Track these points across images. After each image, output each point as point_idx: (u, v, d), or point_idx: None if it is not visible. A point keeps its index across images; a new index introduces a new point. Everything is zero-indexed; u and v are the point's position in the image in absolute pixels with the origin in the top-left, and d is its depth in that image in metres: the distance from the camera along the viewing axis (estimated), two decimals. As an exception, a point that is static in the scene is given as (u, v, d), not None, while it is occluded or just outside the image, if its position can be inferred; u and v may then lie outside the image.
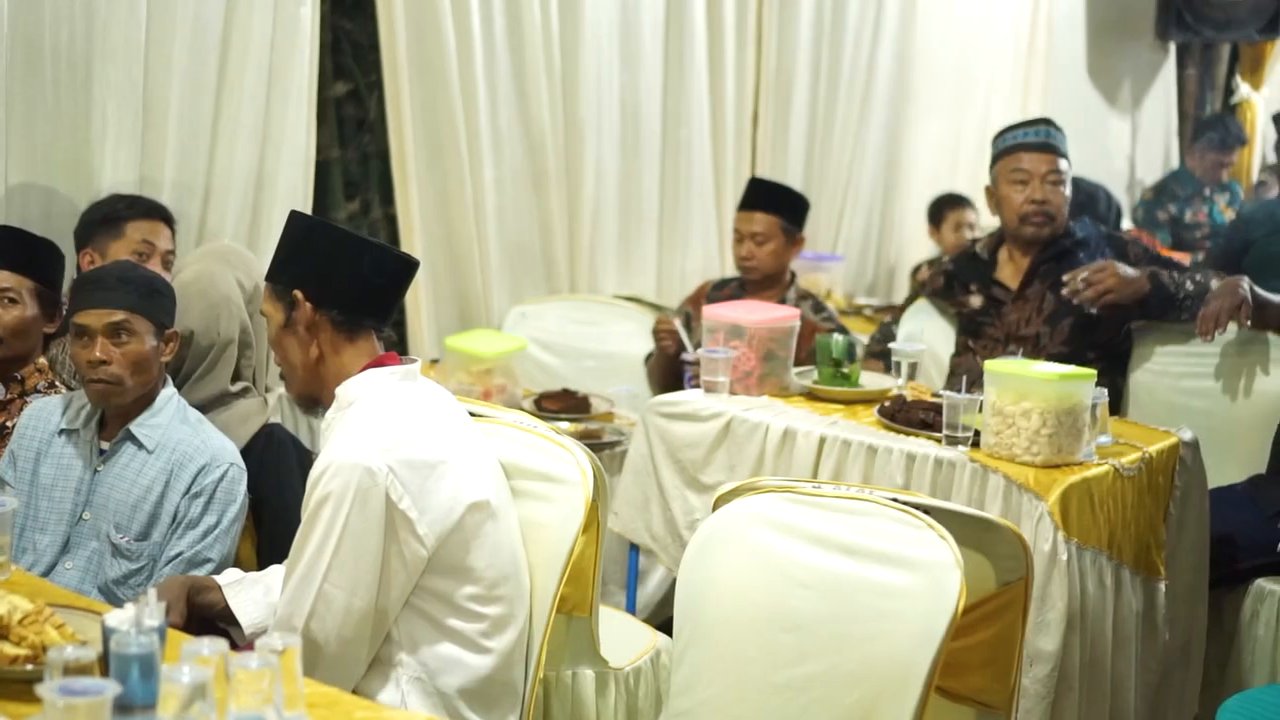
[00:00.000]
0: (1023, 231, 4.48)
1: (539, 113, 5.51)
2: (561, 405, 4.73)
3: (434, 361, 5.01)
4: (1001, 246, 4.60)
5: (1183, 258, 6.35)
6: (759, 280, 4.95)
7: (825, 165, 6.88)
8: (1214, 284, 4.35)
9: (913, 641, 2.56)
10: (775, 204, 4.99)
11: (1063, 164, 4.50)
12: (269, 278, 2.91)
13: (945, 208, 6.91)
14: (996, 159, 4.59)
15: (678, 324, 4.90)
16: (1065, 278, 4.36)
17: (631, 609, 4.20)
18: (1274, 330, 4.44)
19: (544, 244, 5.69)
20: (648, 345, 5.23)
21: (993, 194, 4.59)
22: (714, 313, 4.06)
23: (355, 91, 5.29)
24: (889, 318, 4.98)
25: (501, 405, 4.02)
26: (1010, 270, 4.56)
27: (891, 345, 4.25)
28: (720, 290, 5.06)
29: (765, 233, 4.92)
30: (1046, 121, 4.60)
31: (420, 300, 5.24)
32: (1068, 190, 4.52)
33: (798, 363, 4.15)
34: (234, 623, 2.91)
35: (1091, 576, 3.36)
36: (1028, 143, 4.50)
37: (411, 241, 5.16)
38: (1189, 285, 4.39)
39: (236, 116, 4.51)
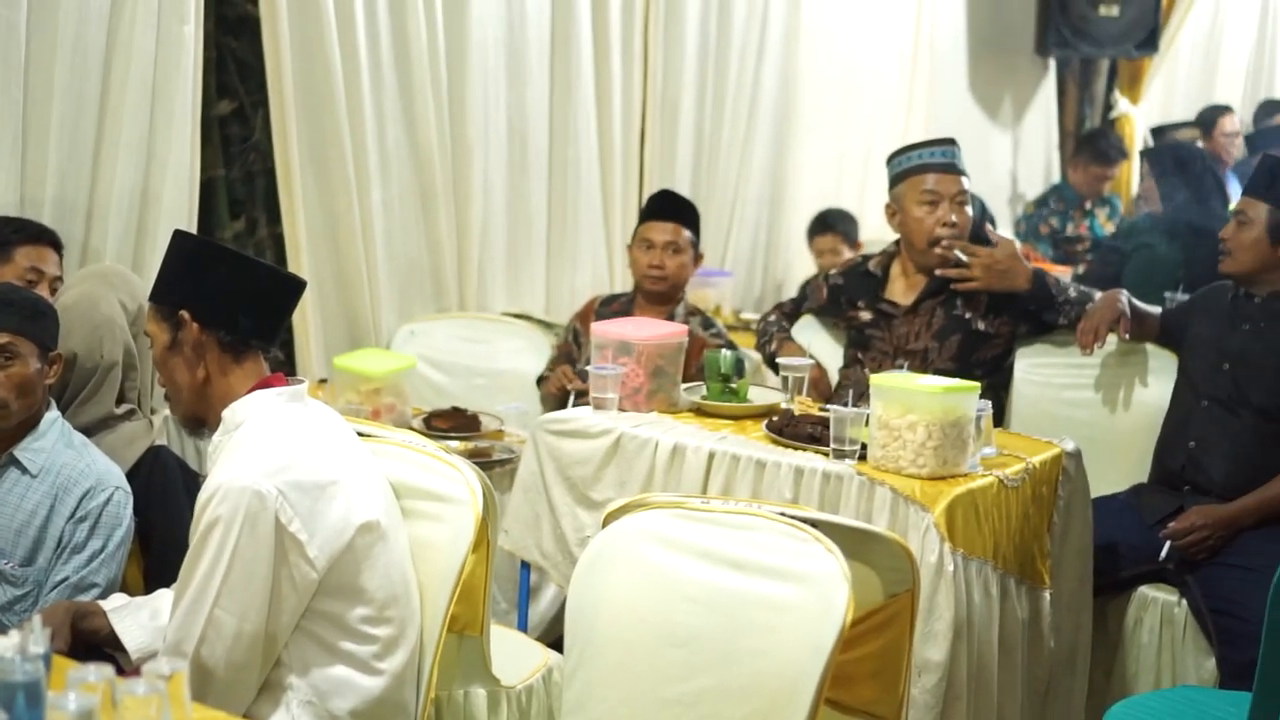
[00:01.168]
0: (932, 255, 4.49)
1: (426, 131, 5.50)
2: (451, 424, 4.71)
3: (322, 381, 4.98)
4: (894, 262, 4.63)
5: (1064, 270, 6.47)
6: (663, 292, 4.93)
7: (712, 182, 6.91)
8: (1097, 294, 4.45)
9: (802, 654, 2.57)
10: (687, 217, 5.01)
11: (966, 184, 4.53)
12: (153, 298, 2.88)
13: (813, 232, 6.98)
14: (900, 177, 4.55)
15: (572, 392, 4.83)
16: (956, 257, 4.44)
17: (523, 627, 4.20)
18: (1152, 341, 4.52)
19: (432, 262, 5.67)
20: (538, 363, 5.23)
21: (895, 213, 4.57)
22: (602, 329, 4.07)
23: (240, 110, 5.25)
24: (772, 316, 4.95)
25: (391, 424, 4.02)
26: (902, 286, 4.59)
27: (779, 360, 4.28)
28: (609, 306, 5.06)
29: (679, 243, 4.93)
30: (950, 141, 4.59)
31: (308, 320, 5.20)
32: (971, 211, 4.55)
33: (688, 378, 4.16)
34: (121, 648, 2.89)
35: (978, 586, 3.40)
36: (934, 163, 4.49)
37: (299, 260, 5.13)
38: (1072, 292, 4.47)
39: (119, 135, 4.46)
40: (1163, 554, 4.02)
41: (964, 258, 4.43)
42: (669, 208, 5.05)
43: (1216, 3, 10.34)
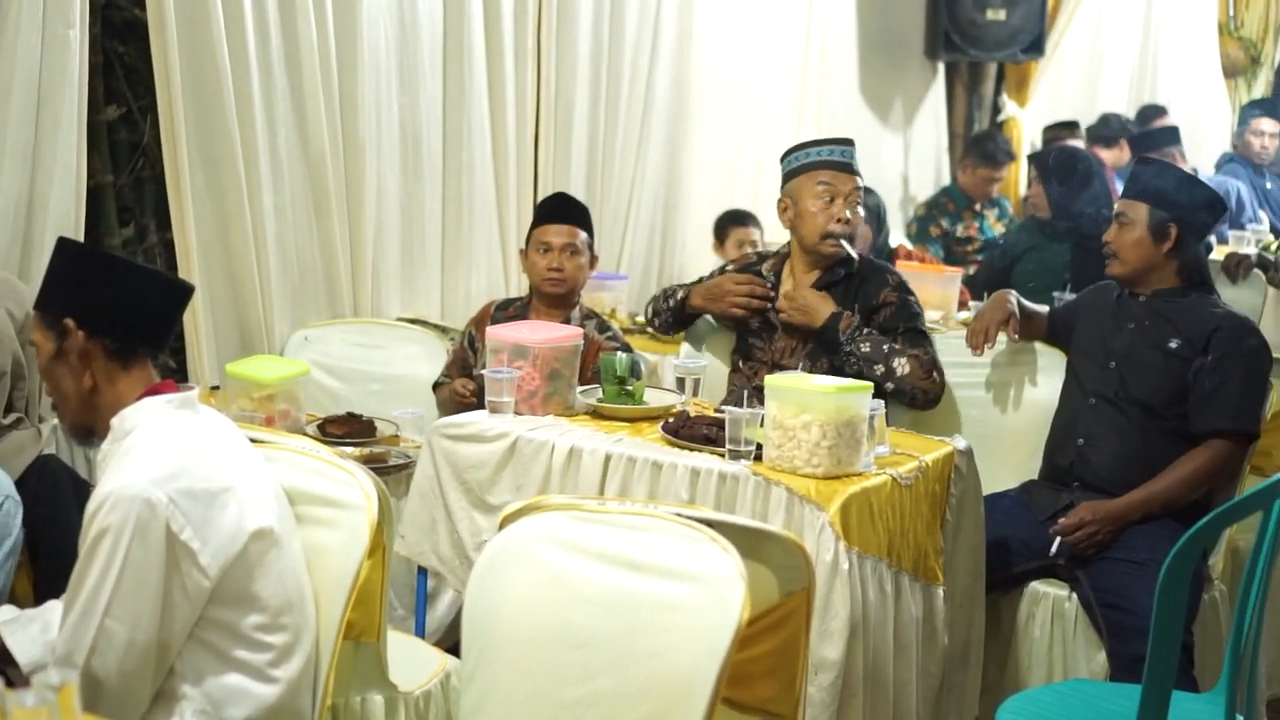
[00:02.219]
0: (822, 248, 4.45)
1: (318, 134, 5.46)
2: (346, 429, 4.68)
3: (215, 388, 4.93)
4: (785, 266, 4.64)
5: (955, 271, 6.55)
6: (561, 295, 4.89)
7: (607, 185, 6.92)
8: (898, 362, 4.29)
9: (698, 654, 2.58)
10: (582, 219, 4.98)
11: (861, 185, 4.51)
12: (38, 306, 2.85)
13: (729, 225, 6.99)
14: (796, 172, 4.52)
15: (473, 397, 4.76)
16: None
17: (421, 633, 4.18)
18: (1041, 340, 4.59)
19: (326, 267, 5.63)
20: (434, 368, 5.20)
21: (788, 208, 4.53)
22: (497, 333, 4.06)
23: (129, 115, 5.18)
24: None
25: (285, 431, 3.98)
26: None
27: (675, 362, 4.28)
28: (504, 311, 5.04)
29: (576, 244, 4.90)
30: (848, 141, 4.55)
31: (200, 326, 5.14)
32: (863, 213, 4.56)
33: (584, 382, 4.16)
34: (11, 662, 2.84)
35: (872, 584, 3.43)
36: (833, 161, 4.46)
37: (189, 266, 5.07)
38: (865, 346, 4.32)
39: (4, 141, 4.41)
40: (1053, 549, 4.08)
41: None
42: (564, 210, 5.02)
43: (1100, 8, 10.50)
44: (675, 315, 4.74)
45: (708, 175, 7.61)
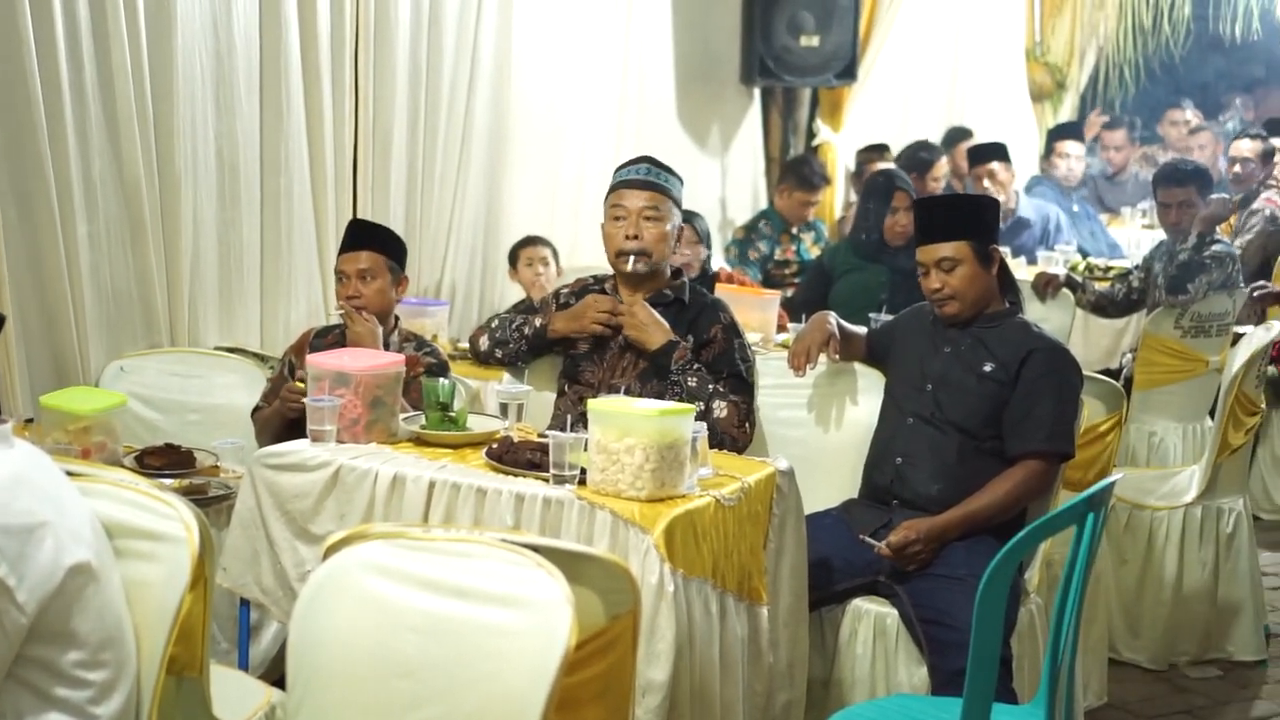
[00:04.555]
0: (618, 266, 4.51)
1: (133, 162, 5.38)
2: (165, 461, 4.61)
3: (29, 421, 4.82)
4: (618, 289, 4.63)
5: (773, 294, 6.63)
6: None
7: (427, 211, 6.90)
8: (717, 405, 4.35)
9: (526, 680, 2.58)
10: (378, 242, 4.93)
11: (662, 201, 4.50)
12: None
13: (518, 249, 7.01)
14: (606, 196, 4.59)
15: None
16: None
17: (244, 666, 4.12)
18: (860, 361, 4.66)
19: (142, 296, 5.55)
20: (254, 397, 5.15)
21: (603, 231, 4.58)
22: (318, 361, 4.03)
23: (-65, 143, 5.08)
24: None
25: (102, 463, 3.91)
26: None
27: (497, 387, 4.28)
28: (323, 338, 4.98)
29: (372, 269, 4.84)
30: (649, 160, 4.59)
31: (12, 358, 5.04)
32: (669, 227, 4.50)
33: (408, 398, 4.15)
34: None
35: (698, 605, 3.46)
36: (630, 180, 4.52)
37: (1, 297, 4.97)
38: (691, 381, 4.38)
39: None
40: (873, 542, 4.12)
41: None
42: (358, 236, 4.92)
43: (911, 35, 10.69)
44: (532, 344, 4.69)
45: (528, 200, 7.63)
